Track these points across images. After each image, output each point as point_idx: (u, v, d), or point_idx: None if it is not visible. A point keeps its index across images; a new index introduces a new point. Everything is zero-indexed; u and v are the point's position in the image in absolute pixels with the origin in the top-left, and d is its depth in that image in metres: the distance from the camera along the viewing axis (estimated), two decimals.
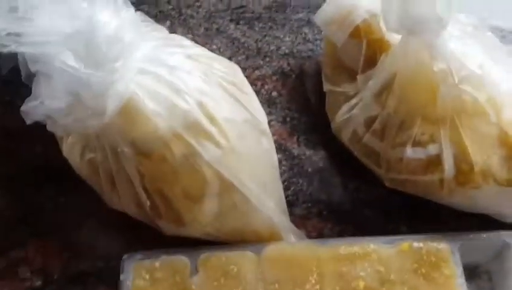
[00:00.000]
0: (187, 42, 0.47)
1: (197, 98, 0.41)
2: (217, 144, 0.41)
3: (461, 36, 0.45)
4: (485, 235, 0.46)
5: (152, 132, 0.39)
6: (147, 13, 0.62)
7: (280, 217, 0.46)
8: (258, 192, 0.44)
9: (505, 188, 0.43)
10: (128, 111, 0.38)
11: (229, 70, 0.46)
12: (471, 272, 0.46)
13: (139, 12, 0.50)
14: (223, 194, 0.42)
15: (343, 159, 0.52)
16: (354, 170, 0.51)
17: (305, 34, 0.61)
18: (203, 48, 0.48)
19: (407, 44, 0.45)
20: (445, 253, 0.44)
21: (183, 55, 0.44)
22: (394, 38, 0.48)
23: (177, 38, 0.47)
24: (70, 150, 0.43)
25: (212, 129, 0.41)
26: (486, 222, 0.48)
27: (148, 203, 0.41)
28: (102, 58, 0.35)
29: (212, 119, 0.41)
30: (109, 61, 0.36)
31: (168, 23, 0.62)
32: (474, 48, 0.45)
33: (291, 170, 0.52)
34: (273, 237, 0.46)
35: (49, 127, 0.39)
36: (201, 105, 0.41)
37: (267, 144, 0.47)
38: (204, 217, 0.42)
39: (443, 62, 0.43)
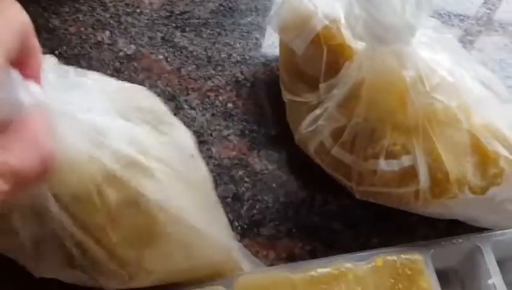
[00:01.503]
0: (94, 76, 0.41)
1: (125, 136, 0.36)
2: (158, 181, 0.37)
3: (428, 43, 0.43)
4: (455, 241, 0.45)
5: (80, 182, 0.34)
6: (83, 22, 0.57)
7: (231, 242, 0.43)
8: (205, 221, 0.40)
9: (479, 196, 0.43)
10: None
11: (149, 103, 0.42)
12: (443, 277, 0.45)
13: None
14: (170, 231, 0.38)
15: (308, 171, 0.50)
16: (319, 182, 0.49)
17: (256, 38, 0.58)
18: (117, 81, 0.43)
19: (374, 51, 0.43)
20: (419, 264, 0.43)
21: (97, 92, 0.39)
22: (356, 43, 0.46)
23: (71, 71, 0.41)
24: None
25: (150, 165, 0.36)
26: (455, 225, 0.47)
27: (85, 262, 0.36)
28: None
29: (146, 156, 0.37)
30: None
31: (107, 33, 0.57)
32: (441, 53, 0.44)
33: (254, 187, 0.49)
34: (228, 266, 0.43)
35: None
36: (131, 143, 0.36)
37: (200, 168, 0.43)
38: (153, 263, 0.38)
39: (413, 70, 0.42)
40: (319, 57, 0.48)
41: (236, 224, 0.47)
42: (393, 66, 0.42)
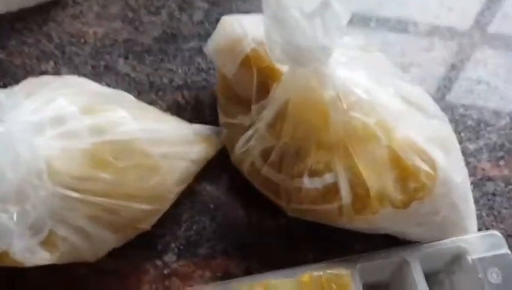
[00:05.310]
0: None
1: None
2: None
3: (347, 62, 0.45)
4: (383, 254, 0.46)
5: None
6: (28, 54, 0.59)
7: None
8: None
9: (402, 209, 0.43)
10: None
11: None
12: None
13: None
14: None
15: (245, 191, 0.51)
16: (257, 201, 0.50)
17: (198, 63, 0.60)
18: None
19: (295, 73, 0.44)
20: (345, 279, 0.43)
21: None
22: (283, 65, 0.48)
23: None
24: None
25: None
26: (391, 240, 0.48)
27: None
28: None
29: None
30: None
31: (51, 63, 0.58)
32: (360, 73, 0.45)
33: (192, 208, 0.50)
34: None
35: None
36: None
37: None
38: None
39: (331, 89, 0.43)
40: (250, 79, 0.49)
41: (173, 245, 0.48)
42: (314, 86, 0.44)
